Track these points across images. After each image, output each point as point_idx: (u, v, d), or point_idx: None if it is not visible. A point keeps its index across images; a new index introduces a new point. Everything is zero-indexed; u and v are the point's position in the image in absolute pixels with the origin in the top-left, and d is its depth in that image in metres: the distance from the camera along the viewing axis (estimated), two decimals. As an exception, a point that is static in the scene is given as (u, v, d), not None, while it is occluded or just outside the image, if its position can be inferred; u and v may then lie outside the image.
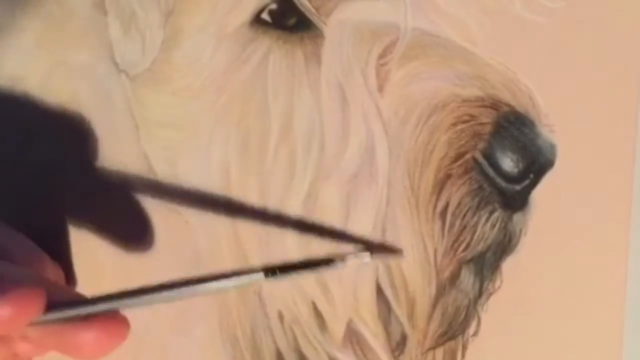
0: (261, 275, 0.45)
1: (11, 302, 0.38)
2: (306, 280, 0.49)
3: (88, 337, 0.41)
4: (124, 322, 0.42)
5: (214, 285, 0.44)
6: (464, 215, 0.49)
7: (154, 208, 0.50)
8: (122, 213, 0.50)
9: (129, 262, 0.50)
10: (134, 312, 0.48)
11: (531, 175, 0.50)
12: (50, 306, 0.40)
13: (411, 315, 0.50)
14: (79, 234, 0.50)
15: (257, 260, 0.49)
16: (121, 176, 0.49)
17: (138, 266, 0.50)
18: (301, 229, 0.49)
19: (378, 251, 0.48)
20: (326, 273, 0.48)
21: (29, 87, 0.49)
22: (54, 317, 0.41)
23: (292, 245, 0.49)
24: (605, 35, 0.51)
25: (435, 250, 0.49)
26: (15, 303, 0.39)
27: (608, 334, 0.51)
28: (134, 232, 0.50)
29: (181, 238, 0.50)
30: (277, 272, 0.45)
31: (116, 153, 0.50)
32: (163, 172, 0.50)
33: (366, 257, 0.47)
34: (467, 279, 0.50)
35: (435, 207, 0.49)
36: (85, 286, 0.50)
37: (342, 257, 0.47)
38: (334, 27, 0.49)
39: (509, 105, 0.49)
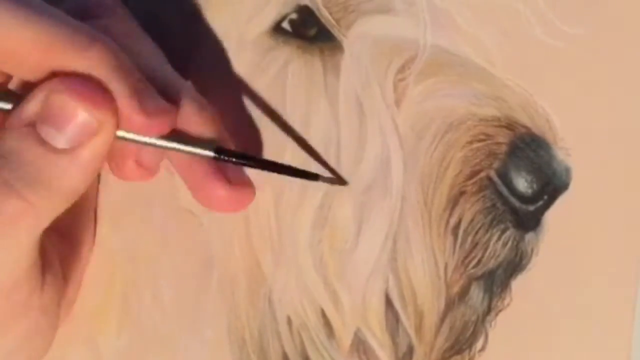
0: (211, 153, 0.42)
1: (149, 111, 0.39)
2: (315, 287, 0.48)
3: (220, 191, 0.42)
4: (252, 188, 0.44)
5: (162, 142, 0.41)
6: (476, 232, 0.48)
7: (169, 209, 0.49)
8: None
9: (142, 261, 0.49)
10: (143, 314, 0.47)
11: (545, 197, 0.48)
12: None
13: (419, 328, 0.48)
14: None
15: (269, 264, 0.48)
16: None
17: (150, 266, 0.49)
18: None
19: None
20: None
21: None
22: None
23: (304, 249, 0.48)
24: (623, 63, 0.49)
25: (446, 265, 0.48)
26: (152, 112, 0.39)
27: (616, 356, 0.49)
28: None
29: (195, 239, 0.49)
30: (230, 157, 0.42)
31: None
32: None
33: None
34: (477, 295, 0.49)
35: (447, 222, 0.48)
36: (93, 283, 0.49)
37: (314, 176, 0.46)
38: (354, 40, 0.48)
39: (525, 126, 0.48)
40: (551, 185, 0.48)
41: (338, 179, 0.48)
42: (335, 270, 0.48)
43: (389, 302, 0.48)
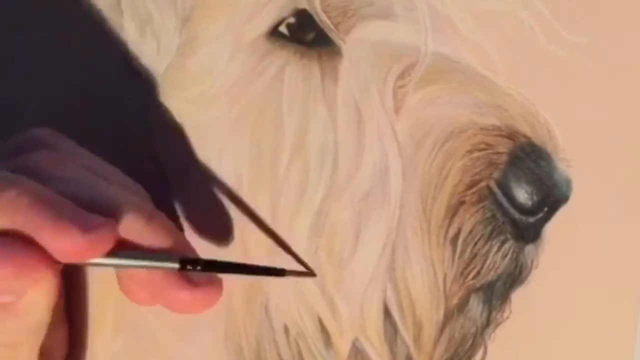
0: (176, 265, 0.40)
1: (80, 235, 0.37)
2: (312, 295, 0.47)
3: (184, 295, 0.40)
4: (219, 286, 0.41)
5: (123, 261, 0.40)
6: (476, 243, 0.47)
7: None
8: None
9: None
10: (140, 319, 0.46)
11: (545, 209, 0.47)
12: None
13: (417, 339, 0.47)
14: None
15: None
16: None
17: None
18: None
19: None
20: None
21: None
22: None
23: (301, 257, 0.47)
24: (627, 72, 0.48)
25: (445, 276, 0.47)
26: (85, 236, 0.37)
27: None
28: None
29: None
30: (196, 266, 0.40)
31: (128, 155, 0.47)
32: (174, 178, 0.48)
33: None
34: (476, 307, 0.48)
35: (446, 232, 0.47)
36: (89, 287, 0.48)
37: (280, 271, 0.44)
38: (353, 45, 0.47)
39: (526, 136, 0.47)
40: (552, 197, 0.47)
41: (306, 271, 0.47)
42: (332, 278, 0.47)
43: (387, 312, 0.47)
